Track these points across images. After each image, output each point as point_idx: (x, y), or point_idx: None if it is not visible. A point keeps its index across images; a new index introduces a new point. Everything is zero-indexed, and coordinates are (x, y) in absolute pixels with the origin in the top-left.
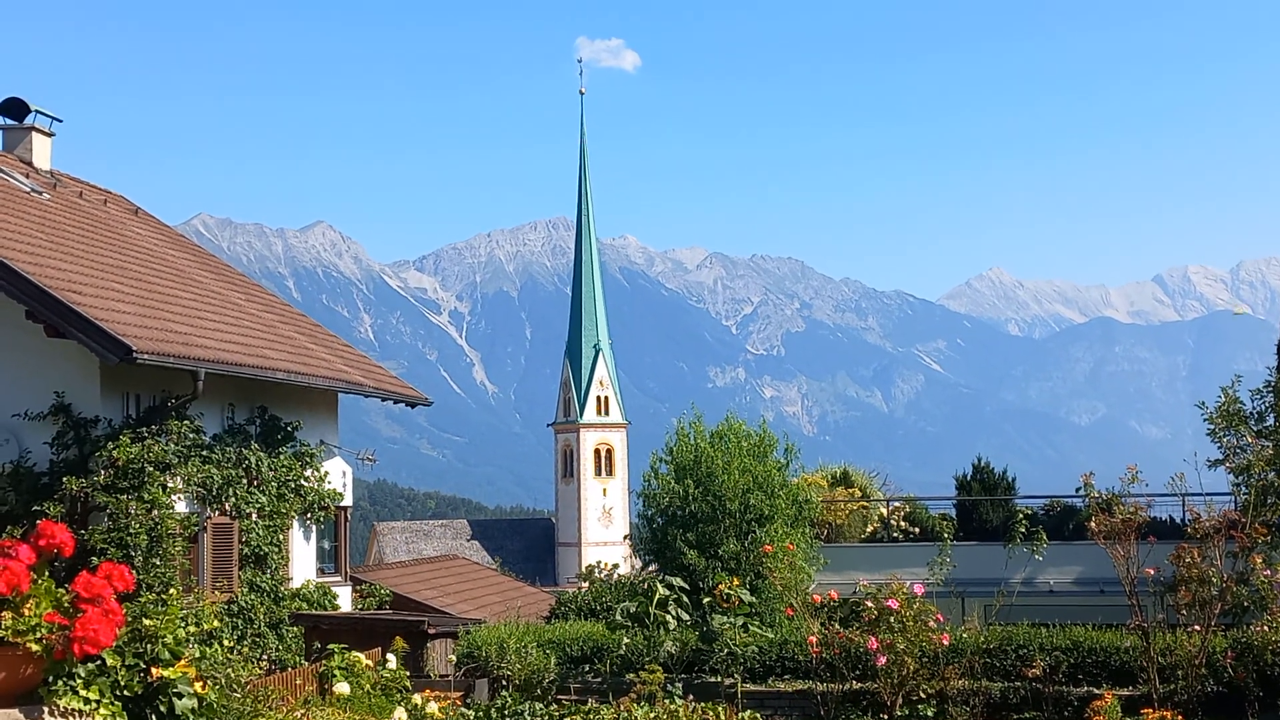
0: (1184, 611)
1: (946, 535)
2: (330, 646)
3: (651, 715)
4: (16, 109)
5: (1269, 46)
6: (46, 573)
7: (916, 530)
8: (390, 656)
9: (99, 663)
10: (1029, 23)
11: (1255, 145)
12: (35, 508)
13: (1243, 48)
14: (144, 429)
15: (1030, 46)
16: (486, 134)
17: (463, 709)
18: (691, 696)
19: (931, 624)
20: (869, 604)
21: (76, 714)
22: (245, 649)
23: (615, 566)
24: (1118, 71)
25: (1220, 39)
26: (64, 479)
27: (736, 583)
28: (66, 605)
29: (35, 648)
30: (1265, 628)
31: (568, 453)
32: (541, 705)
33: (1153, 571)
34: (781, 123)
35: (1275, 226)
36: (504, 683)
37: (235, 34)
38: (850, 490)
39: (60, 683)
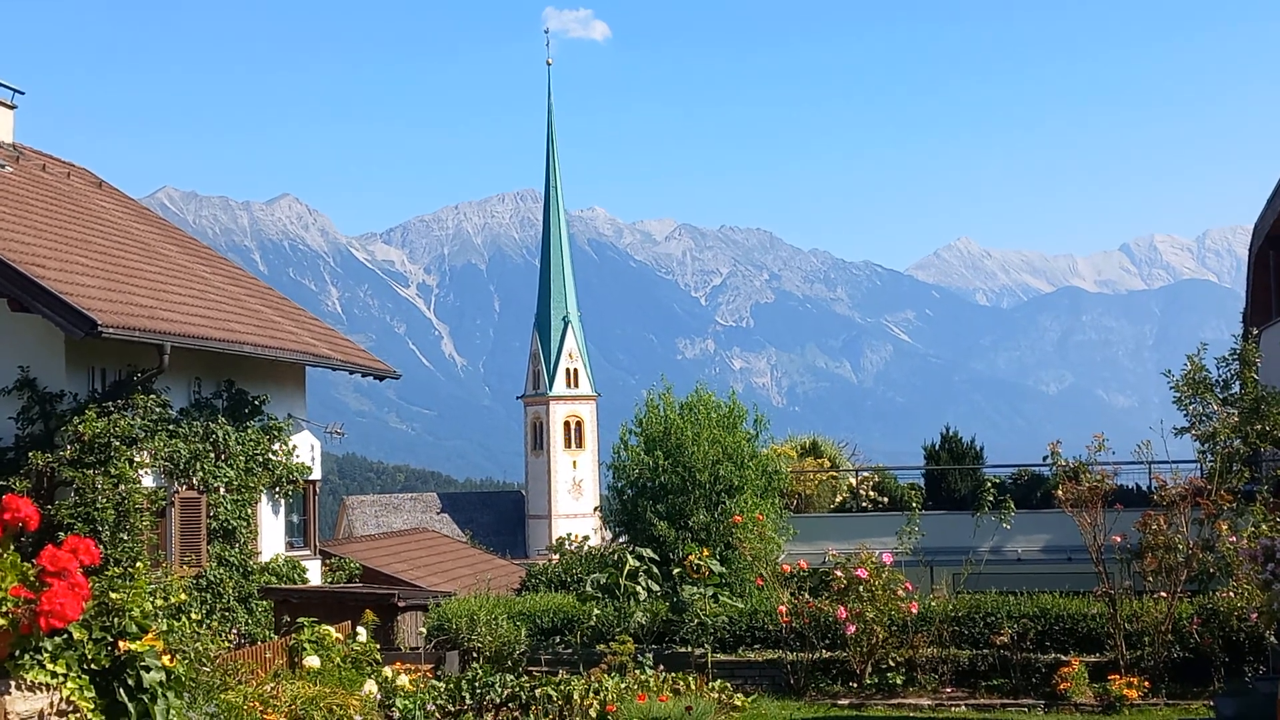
0: (1150, 578)
1: (915, 505)
2: (300, 620)
3: (622, 685)
4: None
5: (1233, 17)
6: (12, 547)
7: (885, 500)
8: (360, 630)
9: (65, 636)
10: None
11: (1219, 115)
12: (1, 483)
13: (1207, 18)
14: (110, 403)
15: (999, 17)
16: (454, 106)
17: (433, 681)
18: (662, 667)
19: (900, 593)
20: (838, 573)
21: (43, 687)
22: (214, 623)
23: (585, 538)
24: (1085, 42)
25: (1186, 9)
26: (29, 454)
27: (706, 553)
28: (32, 579)
29: (1, 622)
30: (1230, 594)
31: (537, 425)
32: (512, 677)
33: (1119, 539)
34: (751, 93)
35: (1240, 195)
36: (475, 655)
37: (200, 5)
38: (819, 461)
39: (27, 656)
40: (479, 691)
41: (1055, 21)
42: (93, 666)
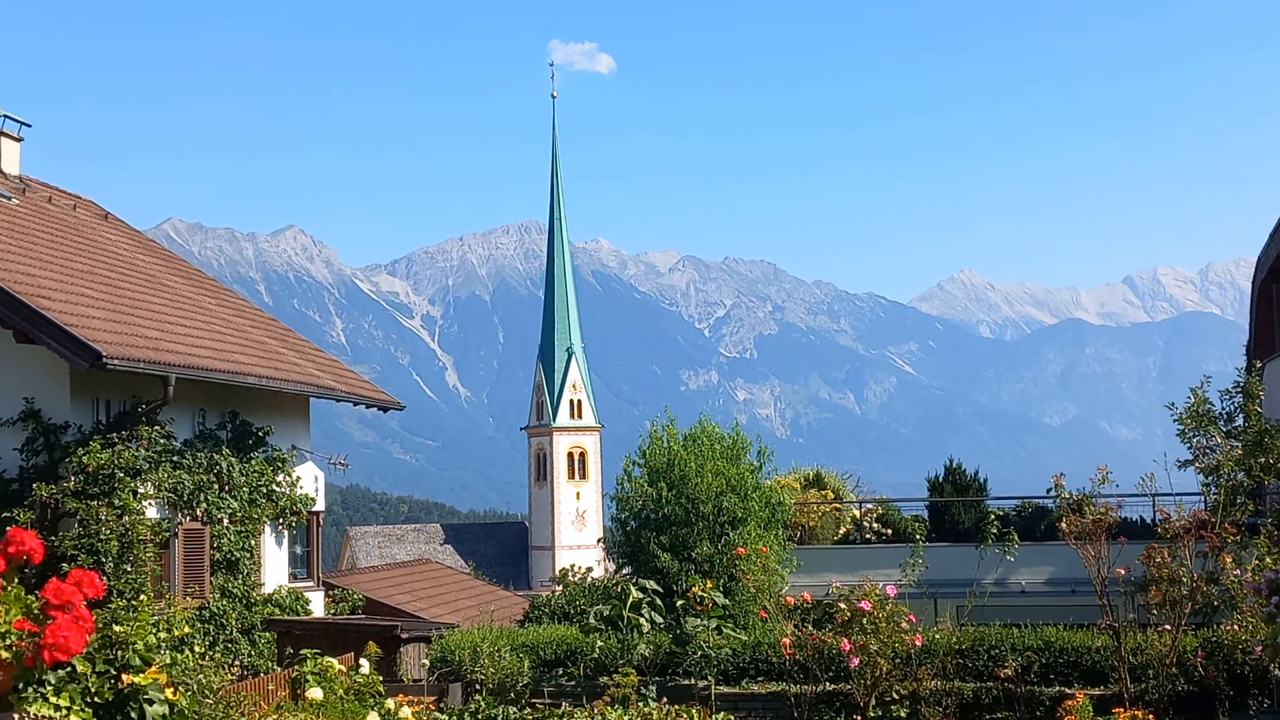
0: (1154, 611)
1: (919, 537)
2: (303, 652)
3: (625, 718)
4: None
5: (1237, 48)
6: (16, 579)
7: (889, 532)
8: (363, 661)
9: (69, 669)
10: (999, 24)
11: (1223, 147)
12: (5, 514)
13: (1212, 50)
14: (114, 435)
15: (1001, 48)
16: (459, 137)
17: (436, 713)
18: (665, 699)
19: (904, 625)
20: (842, 605)
21: None
22: (217, 655)
23: (589, 570)
24: (1088, 73)
25: (1189, 41)
26: (34, 485)
27: (710, 585)
28: (36, 612)
29: (5, 654)
30: (1235, 627)
31: (541, 456)
32: (515, 709)
33: (1123, 571)
34: (753, 125)
35: (1244, 228)
36: (478, 687)
37: (205, 37)
38: (823, 492)
39: (30, 689)
40: None
41: (1059, 52)
42: (96, 700)
